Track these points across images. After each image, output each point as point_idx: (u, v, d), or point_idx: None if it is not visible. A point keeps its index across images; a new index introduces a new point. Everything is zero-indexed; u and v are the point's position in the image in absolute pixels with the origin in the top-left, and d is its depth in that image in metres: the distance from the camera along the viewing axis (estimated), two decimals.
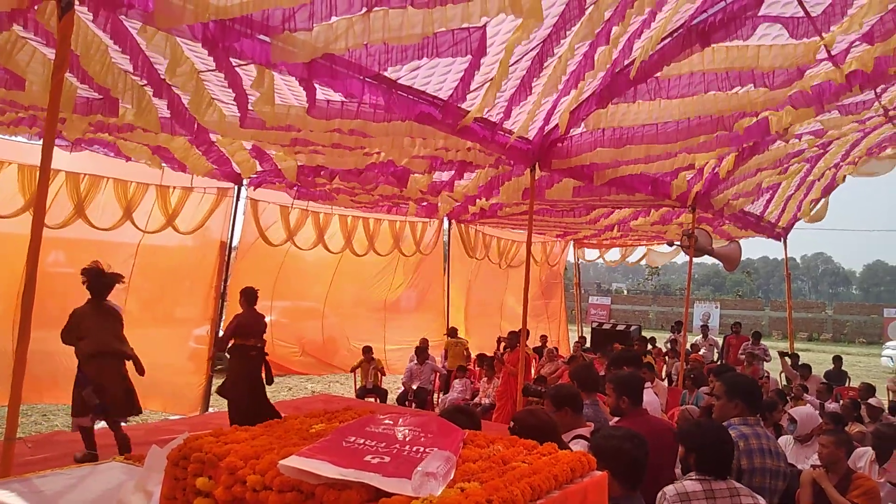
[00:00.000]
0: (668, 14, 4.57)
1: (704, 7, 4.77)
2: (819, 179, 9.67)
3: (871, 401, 7.82)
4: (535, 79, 5.19)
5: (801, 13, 4.81)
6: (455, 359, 11.27)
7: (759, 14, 4.78)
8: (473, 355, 12.00)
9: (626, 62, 5.26)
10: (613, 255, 17.11)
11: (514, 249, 14.65)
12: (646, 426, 3.49)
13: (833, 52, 5.26)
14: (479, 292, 14.76)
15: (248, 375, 7.07)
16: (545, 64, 5.04)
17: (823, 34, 4.85)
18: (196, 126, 5.54)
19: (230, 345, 7.11)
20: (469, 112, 5.29)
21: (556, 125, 6.20)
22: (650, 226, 11.66)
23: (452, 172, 7.98)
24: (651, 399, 4.28)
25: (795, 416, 5.75)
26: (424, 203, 10.26)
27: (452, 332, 12.03)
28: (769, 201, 10.60)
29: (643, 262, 18.06)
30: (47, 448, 6.24)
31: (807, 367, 10.38)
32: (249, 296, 7.24)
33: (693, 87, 5.52)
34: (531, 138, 6.50)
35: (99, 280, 5.87)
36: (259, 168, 7.71)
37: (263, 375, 7.23)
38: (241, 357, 7.09)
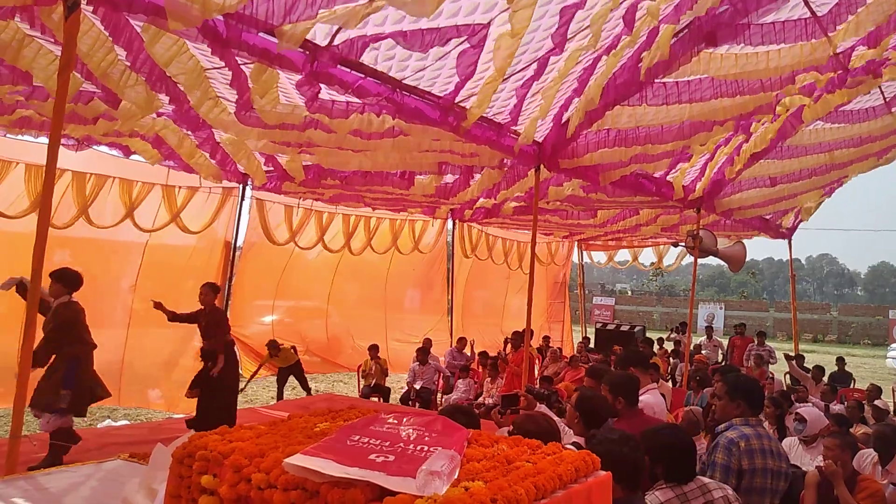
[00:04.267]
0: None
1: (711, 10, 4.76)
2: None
3: (877, 402, 7.79)
4: (537, 83, 5.20)
5: (808, 14, 4.80)
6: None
7: (766, 18, 4.78)
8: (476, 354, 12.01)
9: (632, 65, 5.25)
10: (623, 256, 17.08)
11: (518, 250, 14.63)
12: (642, 426, 3.49)
13: (838, 52, 5.26)
14: (481, 293, 14.74)
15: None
16: (550, 68, 5.05)
17: (829, 34, 4.85)
18: (201, 124, 5.55)
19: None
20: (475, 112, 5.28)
21: (562, 126, 6.20)
22: (660, 230, 11.67)
23: (458, 176, 7.98)
24: (658, 400, 4.27)
25: (805, 415, 5.73)
26: (427, 204, 10.26)
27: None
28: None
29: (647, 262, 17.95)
30: None
31: (820, 369, 10.28)
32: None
33: (701, 93, 5.52)
34: (537, 140, 6.50)
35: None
36: (267, 169, 7.72)
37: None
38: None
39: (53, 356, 5.54)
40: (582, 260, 16.88)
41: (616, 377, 4.11)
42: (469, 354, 11.87)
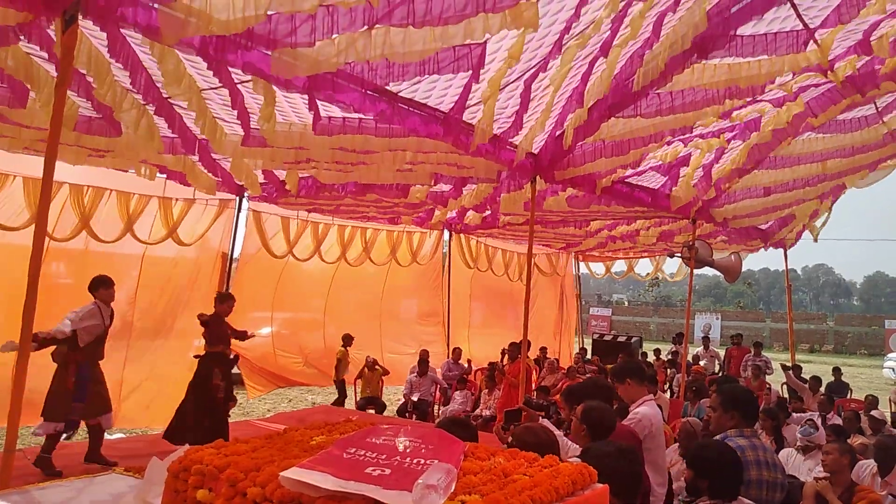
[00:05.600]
0: (671, 35, 4.61)
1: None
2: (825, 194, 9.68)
3: (874, 413, 7.79)
4: (535, 94, 5.23)
5: (801, 26, 4.85)
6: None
7: (758, 28, 4.83)
8: (475, 367, 11.99)
9: (626, 77, 5.29)
10: (619, 267, 17.08)
11: (518, 261, 14.63)
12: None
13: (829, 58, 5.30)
14: (492, 305, 14.71)
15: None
16: (546, 83, 5.09)
17: (819, 42, 4.89)
18: (198, 144, 5.56)
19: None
20: (472, 125, 5.32)
21: (558, 137, 6.23)
22: (655, 241, 11.70)
23: (451, 187, 8.01)
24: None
25: (819, 423, 5.82)
26: (421, 214, 10.27)
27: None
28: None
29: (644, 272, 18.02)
30: None
31: (816, 379, 10.28)
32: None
33: (693, 99, 5.56)
34: (533, 151, 6.53)
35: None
36: (262, 180, 7.74)
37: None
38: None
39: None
40: (578, 271, 16.89)
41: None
42: (465, 365, 11.86)
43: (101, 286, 6.31)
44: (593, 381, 4.59)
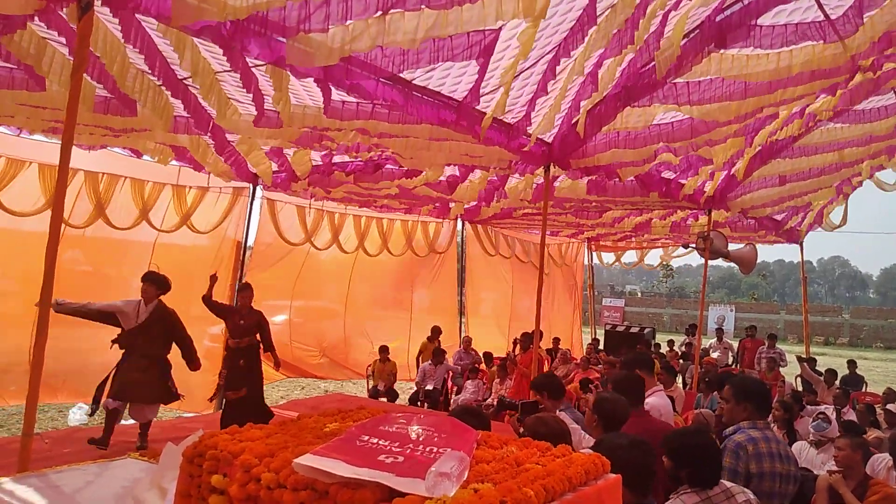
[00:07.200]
0: (684, 12, 4.54)
1: (720, 8, 4.74)
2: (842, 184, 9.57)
3: (890, 406, 7.71)
4: (550, 82, 5.19)
5: (822, 17, 4.76)
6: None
7: (778, 19, 4.75)
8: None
9: (641, 66, 5.22)
10: (630, 257, 17.01)
11: (537, 250, 14.59)
12: (641, 427, 3.47)
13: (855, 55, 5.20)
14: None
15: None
16: (560, 67, 5.04)
17: (845, 39, 4.80)
18: (212, 126, 5.59)
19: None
20: (485, 113, 5.29)
21: (573, 126, 6.18)
22: (669, 231, 11.63)
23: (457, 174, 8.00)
24: (664, 402, 4.24)
25: (832, 417, 5.77)
26: (437, 204, 10.24)
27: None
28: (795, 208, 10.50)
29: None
30: (65, 444, 6.30)
31: (832, 372, 10.19)
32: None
33: (712, 93, 5.49)
34: (547, 139, 6.49)
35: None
36: (275, 168, 7.75)
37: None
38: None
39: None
40: (591, 261, 16.82)
41: (620, 377, 4.11)
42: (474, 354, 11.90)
43: (144, 282, 6.26)
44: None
